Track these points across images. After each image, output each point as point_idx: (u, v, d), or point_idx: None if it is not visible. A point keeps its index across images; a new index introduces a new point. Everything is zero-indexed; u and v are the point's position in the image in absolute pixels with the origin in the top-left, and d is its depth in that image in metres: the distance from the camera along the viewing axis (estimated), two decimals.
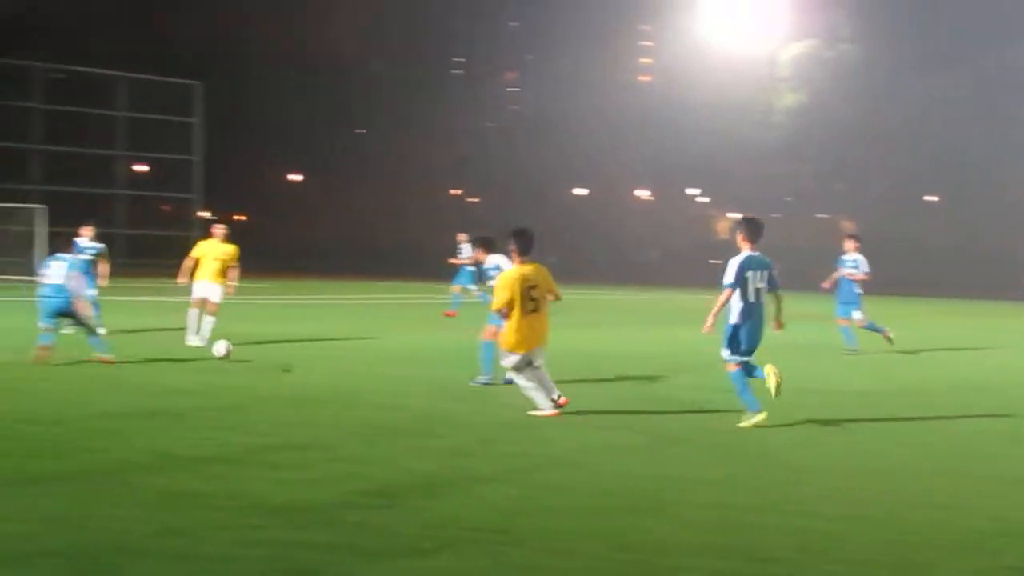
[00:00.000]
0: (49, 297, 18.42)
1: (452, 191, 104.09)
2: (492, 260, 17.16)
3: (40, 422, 12.86)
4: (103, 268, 24.39)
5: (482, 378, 17.19)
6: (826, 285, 26.03)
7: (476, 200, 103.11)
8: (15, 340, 20.83)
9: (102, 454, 11.13)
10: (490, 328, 16.85)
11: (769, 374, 13.87)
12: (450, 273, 35.40)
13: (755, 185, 79.87)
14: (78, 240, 23.56)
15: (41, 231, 60.31)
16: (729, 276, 13.96)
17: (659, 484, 10.49)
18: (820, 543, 8.51)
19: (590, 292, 53.89)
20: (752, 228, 14.36)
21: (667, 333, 30.43)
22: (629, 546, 8.30)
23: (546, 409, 14.32)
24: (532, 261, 14.61)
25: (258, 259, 64.50)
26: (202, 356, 19.82)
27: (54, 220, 60.66)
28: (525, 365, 14.38)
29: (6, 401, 14.39)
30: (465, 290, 33.92)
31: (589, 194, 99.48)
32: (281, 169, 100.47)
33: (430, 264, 53.89)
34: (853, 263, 25.53)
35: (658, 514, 9.33)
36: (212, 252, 22.99)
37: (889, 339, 25.12)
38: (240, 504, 9.14)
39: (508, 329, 14.35)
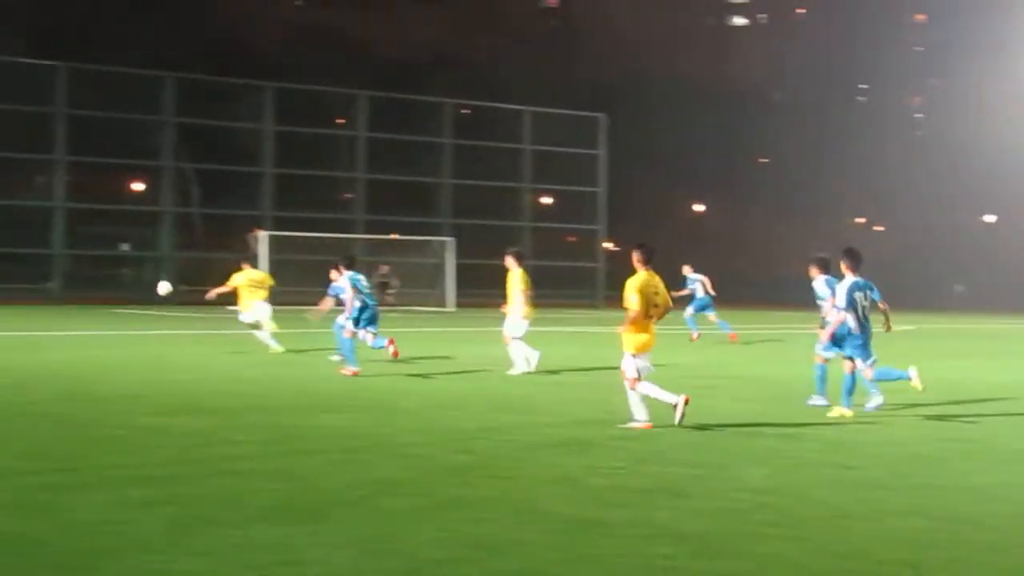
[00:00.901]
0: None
1: (856, 219, 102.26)
2: (821, 279, 18.17)
3: (447, 447, 13.33)
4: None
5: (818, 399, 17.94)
6: None
7: (881, 228, 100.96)
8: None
9: (509, 481, 11.42)
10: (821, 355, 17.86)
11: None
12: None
13: None
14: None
15: (450, 262, 62.70)
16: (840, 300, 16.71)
17: None
18: None
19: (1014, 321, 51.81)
20: (852, 257, 16.92)
21: None
22: None
23: (642, 422, 14.92)
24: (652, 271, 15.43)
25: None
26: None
27: (462, 252, 63.06)
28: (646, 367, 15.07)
29: (417, 420, 15.05)
30: (700, 316, 35.53)
31: (997, 220, 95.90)
32: (684, 199, 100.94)
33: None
34: None
35: None
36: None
37: None
38: (648, 533, 9.20)
39: (636, 332, 15.02)
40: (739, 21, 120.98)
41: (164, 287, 26.94)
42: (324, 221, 64.83)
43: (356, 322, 22.87)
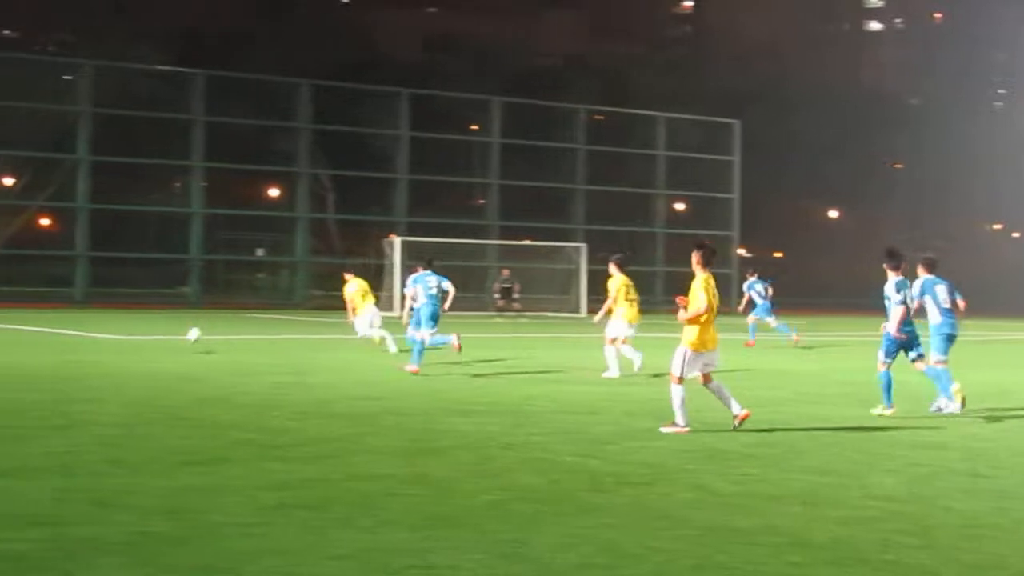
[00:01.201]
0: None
1: (993, 225, 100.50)
2: (927, 279, 18.08)
3: (579, 452, 13.37)
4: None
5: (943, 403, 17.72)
6: None
7: (1018, 235, 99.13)
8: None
9: (641, 487, 11.43)
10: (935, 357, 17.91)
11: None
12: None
13: None
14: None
15: (583, 268, 62.75)
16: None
17: None
18: None
19: None
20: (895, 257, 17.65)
21: None
22: None
23: (681, 426, 15.03)
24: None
25: (796, 296, 64.51)
26: (759, 389, 19.98)
27: (594, 258, 63.08)
28: (697, 369, 15.27)
29: (550, 424, 15.14)
30: (761, 322, 35.74)
31: None
32: (818, 205, 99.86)
33: (978, 300, 52.11)
34: None
35: None
36: None
37: None
38: (779, 541, 9.18)
39: (697, 331, 15.24)
40: (875, 26, 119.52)
41: (194, 334, 28.26)
42: (457, 226, 65.34)
43: (418, 323, 23.70)
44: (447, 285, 24.38)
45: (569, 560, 8.48)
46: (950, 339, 17.97)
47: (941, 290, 17.93)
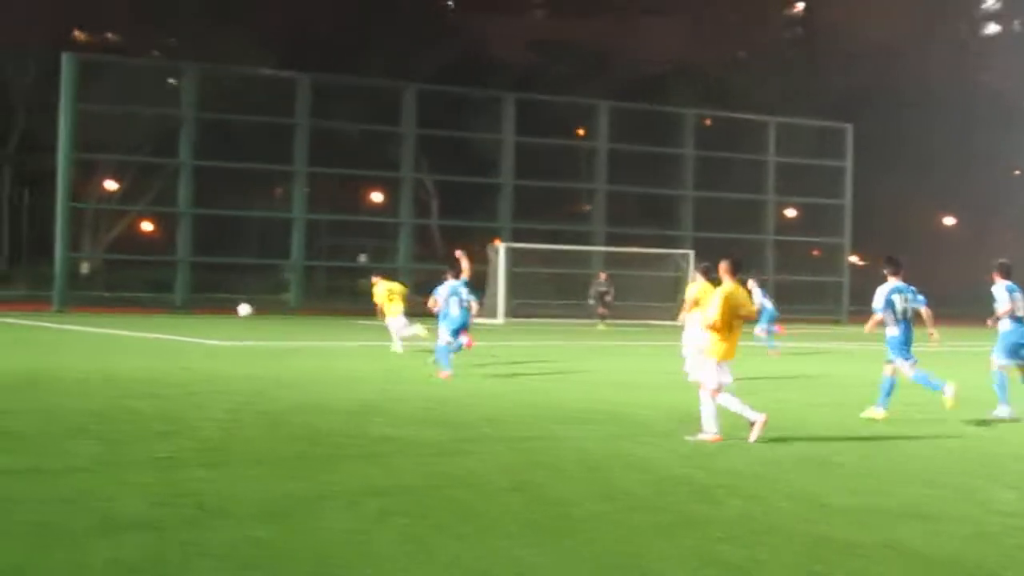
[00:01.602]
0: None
1: None
2: (1001, 284, 19.13)
3: (687, 463, 13.25)
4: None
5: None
6: None
7: None
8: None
9: (752, 499, 11.29)
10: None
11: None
12: None
13: None
14: None
15: (690, 275, 62.37)
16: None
17: None
18: None
19: None
20: (892, 263, 18.20)
21: None
22: None
23: (712, 434, 14.98)
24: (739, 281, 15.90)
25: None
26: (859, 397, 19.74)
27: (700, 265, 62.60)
28: (728, 376, 15.22)
29: (656, 433, 15.02)
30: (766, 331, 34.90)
31: None
32: (933, 212, 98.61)
33: None
34: None
35: None
36: None
37: None
38: (897, 556, 9.05)
39: (718, 341, 15.23)
40: (992, 28, 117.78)
41: (244, 309, 29.81)
42: (563, 233, 65.32)
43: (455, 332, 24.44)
44: (474, 301, 25.43)
45: (678, 573, 8.41)
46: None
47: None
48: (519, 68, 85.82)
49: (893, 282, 18.13)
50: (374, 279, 32.87)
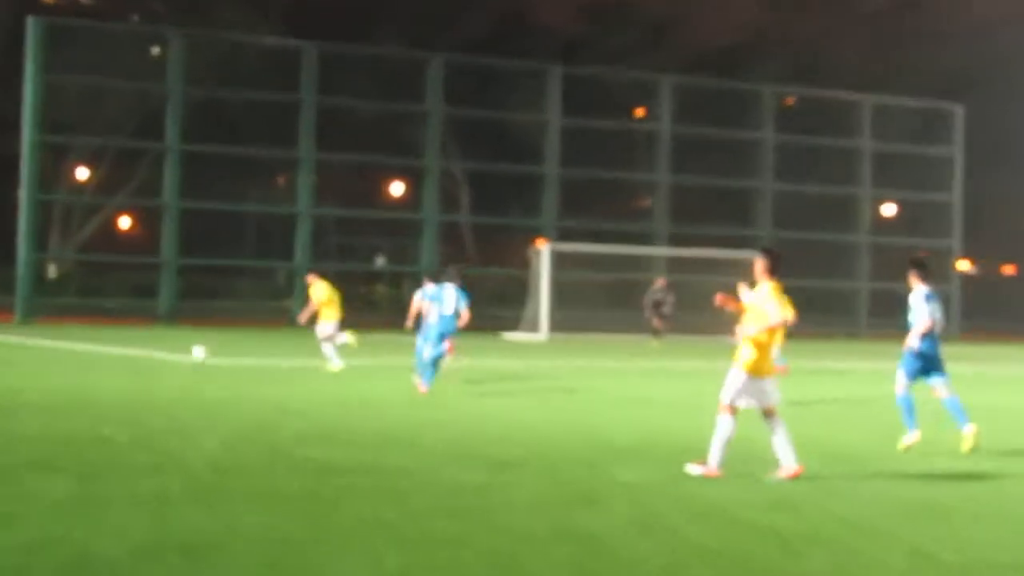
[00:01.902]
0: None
1: None
2: None
3: (764, 508, 13.20)
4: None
5: None
6: None
7: None
8: None
9: (844, 553, 11.20)
10: None
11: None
12: None
13: None
14: None
15: None
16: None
17: None
18: None
19: None
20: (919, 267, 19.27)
21: None
22: None
23: (712, 468, 15.06)
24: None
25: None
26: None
27: (783, 271, 62.37)
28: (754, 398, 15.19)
29: (727, 473, 14.91)
30: None
31: None
32: None
33: None
34: None
35: None
36: None
37: None
38: None
39: (756, 350, 15.29)
40: None
41: (199, 352, 31.59)
42: (618, 232, 65.06)
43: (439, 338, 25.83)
44: (464, 307, 26.24)
45: None
46: None
47: None
48: (566, 36, 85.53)
49: (924, 288, 18.87)
50: (309, 278, 34.33)
